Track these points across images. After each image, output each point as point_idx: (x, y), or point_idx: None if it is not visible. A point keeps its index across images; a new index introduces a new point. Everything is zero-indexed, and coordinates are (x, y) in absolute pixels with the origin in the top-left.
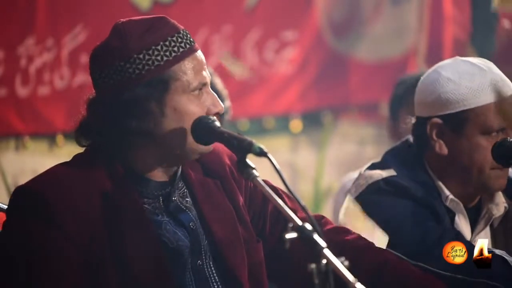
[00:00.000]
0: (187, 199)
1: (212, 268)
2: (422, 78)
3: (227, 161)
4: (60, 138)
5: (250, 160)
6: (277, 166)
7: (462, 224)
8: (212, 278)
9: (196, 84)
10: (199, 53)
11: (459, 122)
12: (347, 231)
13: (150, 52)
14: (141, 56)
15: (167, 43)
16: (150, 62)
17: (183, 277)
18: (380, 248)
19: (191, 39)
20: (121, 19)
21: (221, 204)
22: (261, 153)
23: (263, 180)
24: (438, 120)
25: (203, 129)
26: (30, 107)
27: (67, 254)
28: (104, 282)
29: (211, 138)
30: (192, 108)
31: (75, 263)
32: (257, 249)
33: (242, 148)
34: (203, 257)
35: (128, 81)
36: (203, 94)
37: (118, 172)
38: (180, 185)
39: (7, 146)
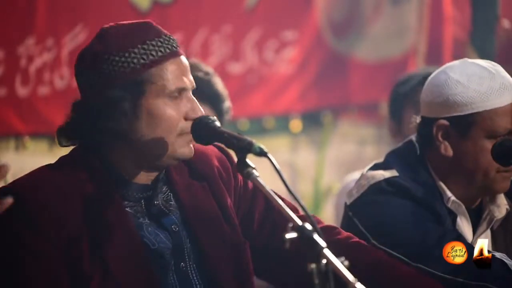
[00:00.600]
0: (171, 202)
1: (196, 271)
2: (429, 78)
3: (216, 163)
4: None
5: (250, 160)
6: (277, 166)
7: (464, 225)
8: (196, 281)
9: (173, 89)
10: (181, 59)
11: (465, 124)
12: (337, 230)
13: (127, 54)
14: (117, 58)
15: (145, 46)
16: (125, 65)
17: (166, 279)
18: (371, 247)
19: (174, 44)
20: (109, 24)
21: (207, 207)
22: (261, 153)
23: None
24: (445, 122)
25: (203, 129)
26: (30, 107)
27: (46, 255)
28: (85, 284)
29: (211, 138)
30: (168, 112)
31: (55, 264)
32: (244, 250)
33: (242, 148)
34: (186, 260)
35: (104, 82)
36: (183, 99)
37: (99, 174)
38: (164, 189)
39: (7, 146)
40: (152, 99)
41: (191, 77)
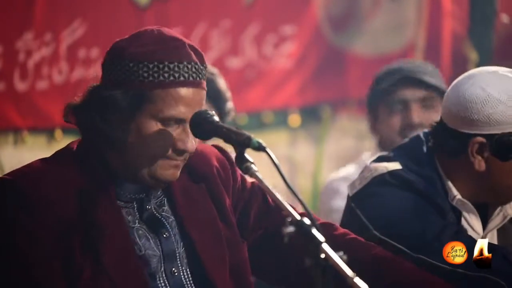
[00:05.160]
0: (164, 207)
1: (189, 274)
2: (461, 92)
3: (215, 162)
4: (58, 133)
5: (249, 154)
6: (276, 161)
7: (473, 220)
8: (188, 285)
9: (168, 115)
10: (196, 91)
11: (502, 143)
12: (334, 226)
13: (141, 65)
14: (131, 64)
15: (161, 65)
16: (136, 74)
17: (154, 284)
18: (369, 242)
19: (194, 75)
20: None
21: (203, 209)
22: (260, 148)
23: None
24: (482, 139)
25: (202, 123)
26: (29, 101)
27: (42, 242)
28: (77, 276)
29: (209, 133)
30: (155, 135)
31: (50, 251)
32: (241, 249)
33: (240, 142)
34: (179, 265)
35: (112, 80)
36: (179, 129)
37: (93, 170)
38: (159, 193)
39: (6, 141)
40: (145, 118)
41: (194, 109)
